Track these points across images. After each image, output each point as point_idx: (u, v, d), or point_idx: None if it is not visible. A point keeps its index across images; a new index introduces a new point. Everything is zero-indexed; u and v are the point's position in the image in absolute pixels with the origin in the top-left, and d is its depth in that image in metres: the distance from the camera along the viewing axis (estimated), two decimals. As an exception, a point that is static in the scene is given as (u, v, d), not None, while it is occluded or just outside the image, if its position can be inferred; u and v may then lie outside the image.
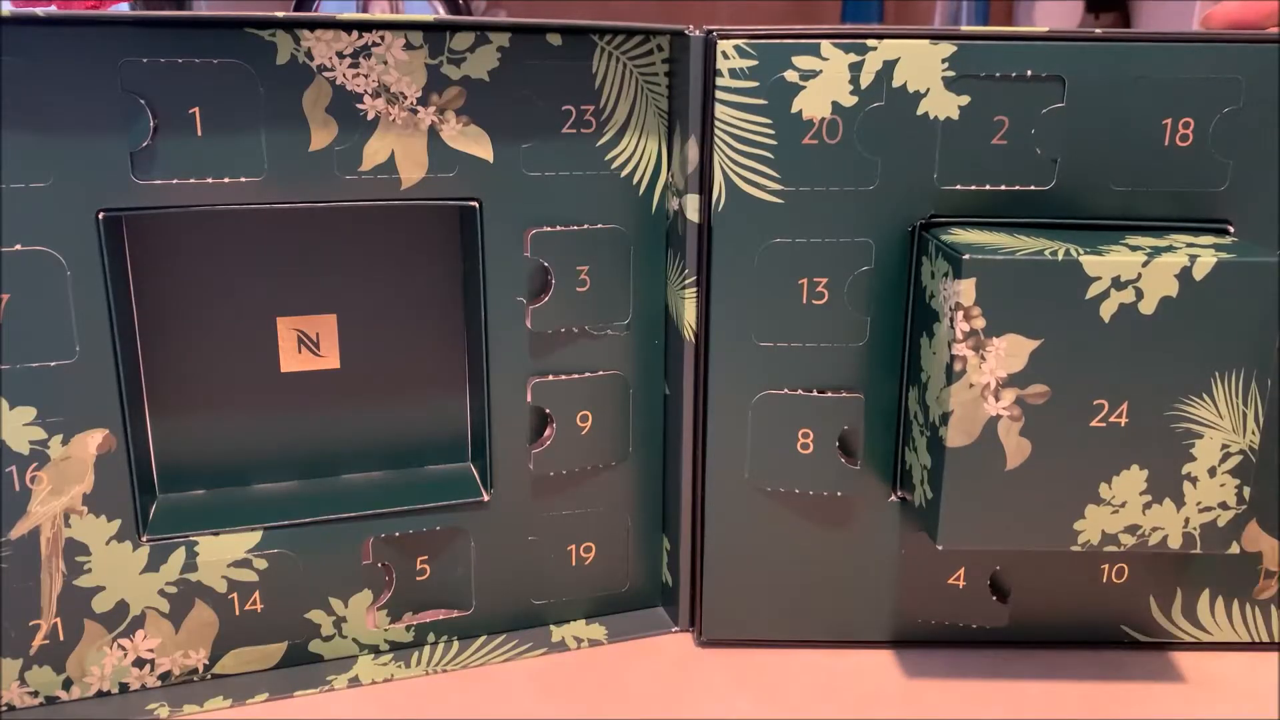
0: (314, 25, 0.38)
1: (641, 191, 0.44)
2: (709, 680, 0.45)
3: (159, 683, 0.43)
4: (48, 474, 0.40)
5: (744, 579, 0.46)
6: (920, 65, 0.39)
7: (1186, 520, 0.39)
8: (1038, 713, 0.42)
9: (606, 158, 0.43)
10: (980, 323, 0.37)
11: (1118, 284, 0.36)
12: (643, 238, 0.44)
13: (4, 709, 0.41)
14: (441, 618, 0.46)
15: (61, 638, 0.41)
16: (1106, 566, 0.45)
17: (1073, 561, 0.45)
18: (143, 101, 0.37)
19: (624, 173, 0.43)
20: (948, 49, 0.39)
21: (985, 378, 0.37)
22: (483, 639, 0.47)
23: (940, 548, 0.40)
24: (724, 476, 0.44)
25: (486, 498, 0.45)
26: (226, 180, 0.39)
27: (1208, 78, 0.39)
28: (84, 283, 0.38)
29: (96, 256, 0.38)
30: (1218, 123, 0.40)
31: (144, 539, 0.41)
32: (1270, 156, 0.40)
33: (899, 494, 0.44)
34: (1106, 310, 0.37)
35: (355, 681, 0.44)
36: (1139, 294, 0.36)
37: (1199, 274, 0.36)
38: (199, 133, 0.38)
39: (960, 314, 0.37)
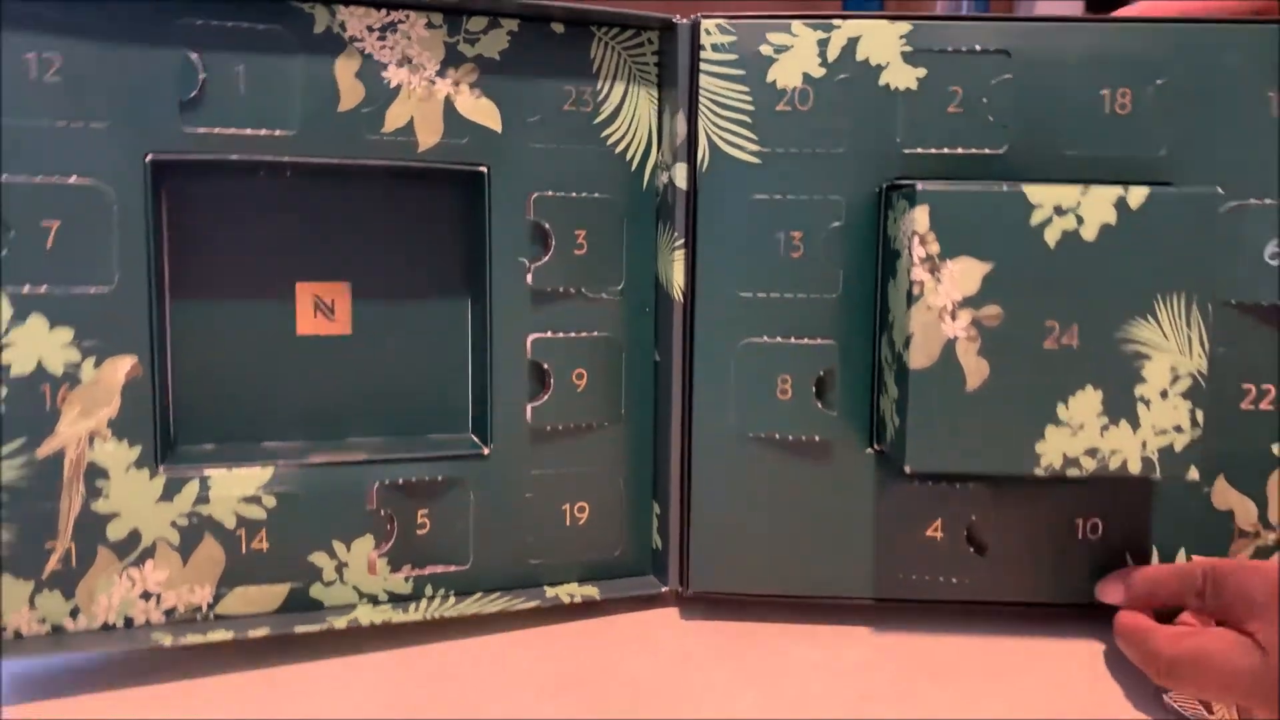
0: (348, 1, 0.44)
1: (634, 167, 0.48)
2: (697, 638, 0.46)
3: (163, 619, 0.45)
4: (78, 396, 0.43)
5: (729, 534, 0.48)
6: (880, 41, 0.44)
7: (1144, 444, 0.41)
8: (1018, 672, 0.43)
9: (602, 134, 0.48)
10: (935, 248, 0.40)
11: (1059, 211, 0.40)
12: (634, 210, 0.49)
13: (10, 635, 0.43)
14: (440, 571, 0.48)
15: (74, 563, 0.43)
16: (1081, 521, 0.47)
17: (1047, 515, 0.47)
18: (194, 57, 0.42)
19: (618, 149, 0.48)
20: (904, 27, 0.44)
21: (942, 300, 0.41)
22: (479, 595, 0.48)
23: (908, 469, 0.42)
24: (710, 426, 0.47)
25: (486, 451, 0.48)
26: (263, 132, 0.43)
27: (1138, 53, 0.44)
28: (129, 218, 0.42)
29: (141, 196, 0.42)
30: (1151, 93, 0.44)
31: (161, 468, 0.44)
32: (1206, 124, 0.44)
33: (876, 447, 0.47)
34: (1051, 236, 0.40)
35: (354, 623, 0.45)
36: (1080, 220, 0.40)
37: (1134, 203, 0.40)
38: (241, 89, 0.43)
39: (916, 239, 0.41)
